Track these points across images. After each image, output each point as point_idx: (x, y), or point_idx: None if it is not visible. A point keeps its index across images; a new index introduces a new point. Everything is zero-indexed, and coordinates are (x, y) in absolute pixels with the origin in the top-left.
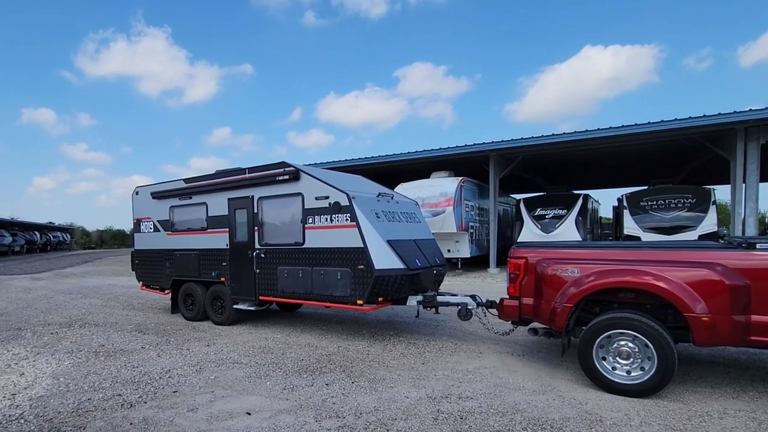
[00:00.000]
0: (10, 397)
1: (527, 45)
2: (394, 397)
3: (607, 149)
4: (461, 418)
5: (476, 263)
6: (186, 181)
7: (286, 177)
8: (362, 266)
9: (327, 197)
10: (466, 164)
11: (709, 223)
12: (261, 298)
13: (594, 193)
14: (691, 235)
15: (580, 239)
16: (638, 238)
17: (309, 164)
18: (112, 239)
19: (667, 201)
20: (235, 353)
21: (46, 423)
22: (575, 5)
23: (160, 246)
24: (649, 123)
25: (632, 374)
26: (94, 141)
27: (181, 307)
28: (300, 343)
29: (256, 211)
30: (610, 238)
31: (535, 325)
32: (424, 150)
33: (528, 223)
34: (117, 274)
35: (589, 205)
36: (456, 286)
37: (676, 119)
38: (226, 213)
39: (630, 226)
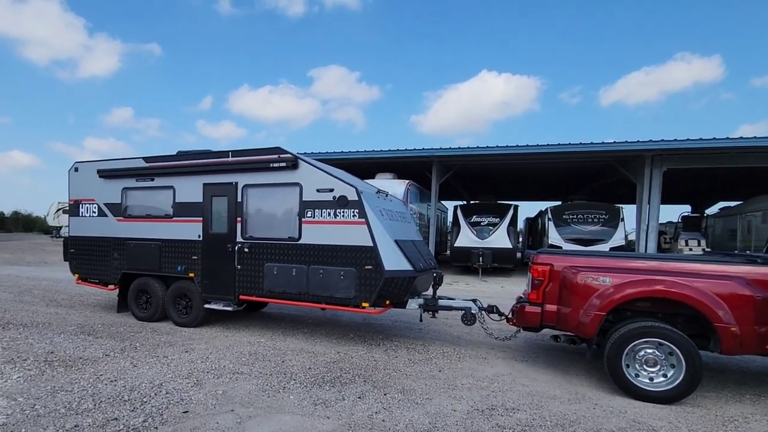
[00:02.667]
0: None
1: (435, 62)
2: (441, 411)
3: (530, 164)
4: None
5: None
6: (147, 159)
7: (283, 165)
8: (370, 266)
9: (331, 190)
10: (406, 168)
11: (619, 237)
12: (242, 297)
13: None
14: (603, 248)
15: (511, 246)
16: (560, 248)
17: None
18: None
19: (585, 215)
20: (227, 361)
21: None
22: (478, 30)
23: (107, 233)
24: (581, 143)
25: (654, 381)
26: None
27: (132, 305)
28: (293, 349)
29: (239, 199)
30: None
31: (557, 332)
32: (372, 150)
33: (464, 229)
34: (10, 263)
35: (518, 215)
36: None
37: (603, 142)
38: (200, 200)
39: (554, 236)
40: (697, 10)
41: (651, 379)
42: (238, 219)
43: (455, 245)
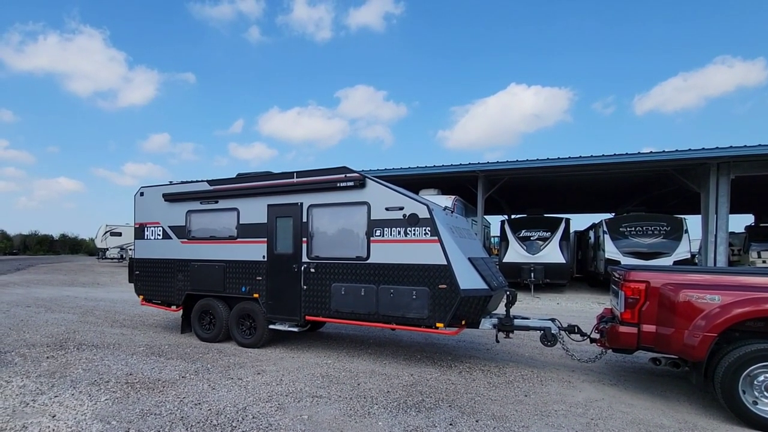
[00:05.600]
0: None
1: (462, 77)
2: None
3: (580, 176)
4: None
5: None
6: (211, 183)
7: (350, 184)
8: (444, 285)
9: (401, 208)
10: (450, 183)
11: (683, 250)
12: (308, 318)
13: None
14: (667, 261)
15: (565, 261)
16: (618, 262)
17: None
18: (37, 245)
19: (644, 228)
20: (302, 384)
21: None
22: (505, 44)
23: (172, 255)
24: (638, 153)
25: None
26: (16, 138)
27: (196, 326)
28: (363, 371)
29: (305, 219)
30: None
31: (657, 354)
32: (417, 166)
33: (513, 244)
34: (67, 284)
35: (570, 229)
36: None
37: (664, 151)
38: (265, 221)
39: (610, 250)
40: (736, 13)
41: None
42: (304, 239)
43: (504, 261)
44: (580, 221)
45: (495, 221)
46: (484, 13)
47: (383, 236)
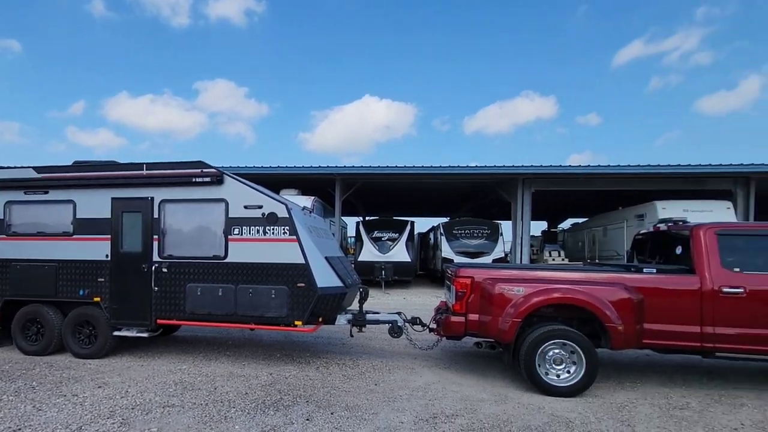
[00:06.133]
0: None
1: (321, 82)
2: (390, 424)
3: (424, 183)
4: None
5: None
6: (39, 170)
7: (207, 180)
8: (302, 284)
9: (260, 206)
10: (310, 184)
11: (499, 250)
12: (159, 321)
13: None
14: (487, 259)
15: (410, 260)
16: (451, 260)
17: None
18: None
19: (471, 230)
20: (151, 393)
21: None
22: (360, 55)
23: None
24: (468, 166)
25: (561, 377)
26: None
27: (18, 337)
28: (221, 374)
29: (156, 215)
30: None
31: (479, 339)
32: (278, 166)
33: (367, 244)
34: None
35: (414, 231)
36: None
37: (486, 165)
38: (108, 216)
39: (446, 249)
40: (536, 52)
41: (558, 375)
42: (155, 237)
43: (359, 259)
44: (423, 224)
45: (351, 222)
46: (342, 18)
47: (242, 235)
